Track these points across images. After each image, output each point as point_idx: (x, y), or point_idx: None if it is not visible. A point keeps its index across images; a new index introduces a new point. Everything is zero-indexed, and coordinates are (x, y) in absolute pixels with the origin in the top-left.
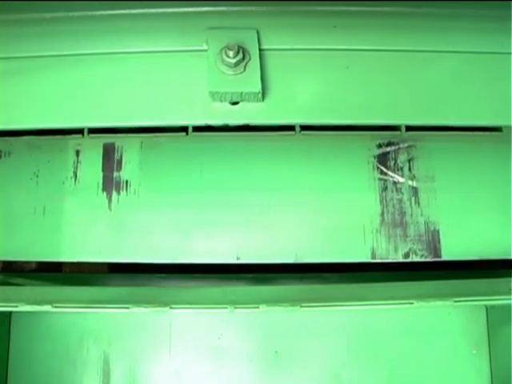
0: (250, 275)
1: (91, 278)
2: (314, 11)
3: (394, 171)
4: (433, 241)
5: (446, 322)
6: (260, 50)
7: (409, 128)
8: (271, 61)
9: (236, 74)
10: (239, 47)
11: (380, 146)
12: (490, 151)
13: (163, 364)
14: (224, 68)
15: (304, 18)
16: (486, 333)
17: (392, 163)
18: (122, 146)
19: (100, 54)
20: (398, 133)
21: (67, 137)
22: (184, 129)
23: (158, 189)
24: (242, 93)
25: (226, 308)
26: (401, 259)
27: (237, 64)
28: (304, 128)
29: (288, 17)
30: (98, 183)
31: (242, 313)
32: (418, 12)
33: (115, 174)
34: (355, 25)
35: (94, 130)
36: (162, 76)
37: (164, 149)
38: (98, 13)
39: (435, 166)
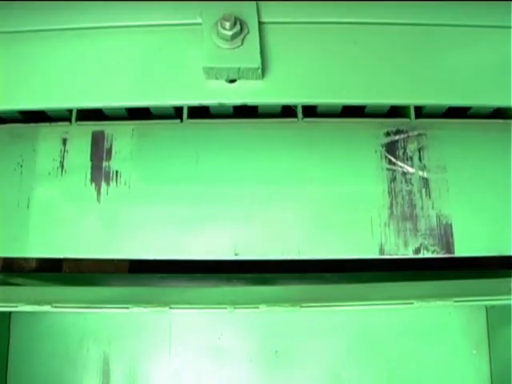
0: (250, 275)
1: (91, 277)
2: None
3: (403, 161)
4: (445, 235)
5: (445, 322)
6: (259, 22)
7: (418, 115)
8: (272, 35)
9: (233, 48)
10: (236, 18)
11: (388, 134)
12: (504, 140)
13: (163, 364)
14: (220, 41)
15: None
16: (486, 333)
17: (401, 152)
18: (112, 134)
19: (84, 29)
20: (406, 120)
21: (53, 124)
22: (178, 115)
23: (150, 180)
24: (239, 68)
25: (226, 308)
26: (411, 255)
27: (234, 37)
28: (307, 115)
29: None
30: (86, 173)
31: (241, 313)
32: None
33: (104, 163)
34: None
35: (82, 117)
36: (152, 52)
37: (157, 137)
38: None
39: (447, 156)
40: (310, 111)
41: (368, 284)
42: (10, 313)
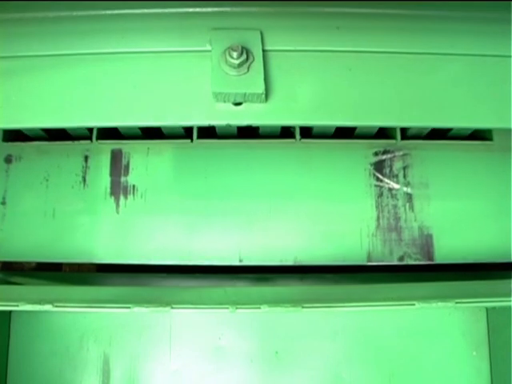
0: (251, 275)
1: (92, 277)
2: (318, 12)
3: (389, 178)
4: (426, 245)
5: (446, 324)
6: (263, 50)
7: (404, 137)
8: (275, 62)
9: (239, 75)
10: (243, 48)
11: (376, 154)
12: (482, 159)
13: (163, 364)
14: (227, 69)
15: (307, 19)
16: (487, 334)
17: (388, 170)
18: (129, 152)
19: (104, 54)
20: (393, 141)
21: (76, 142)
22: (189, 136)
23: (164, 194)
24: (245, 93)
25: (228, 308)
26: (395, 262)
27: (240, 65)
28: (304, 136)
29: (291, 18)
30: (106, 188)
31: (242, 313)
32: (421, 14)
33: (122, 178)
34: (358, 26)
35: (102, 136)
36: (166, 76)
37: (170, 155)
38: (102, 12)
39: (429, 174)
40: (307, 132)
41: (369, 285)
42: (9, 312)
